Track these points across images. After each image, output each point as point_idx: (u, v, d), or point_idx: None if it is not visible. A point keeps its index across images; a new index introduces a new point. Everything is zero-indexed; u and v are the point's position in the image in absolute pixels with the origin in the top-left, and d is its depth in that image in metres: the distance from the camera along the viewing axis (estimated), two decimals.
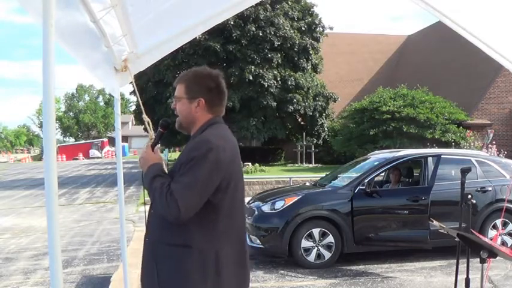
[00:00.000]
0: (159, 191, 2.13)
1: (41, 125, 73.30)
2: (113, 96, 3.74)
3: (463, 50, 20.37)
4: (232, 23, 22.24)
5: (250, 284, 2.46)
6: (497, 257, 3.12)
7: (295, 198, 7.24)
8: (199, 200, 2.12)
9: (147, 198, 2.35)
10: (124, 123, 57.40)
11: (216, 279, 2.18)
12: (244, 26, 23.16)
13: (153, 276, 2.21)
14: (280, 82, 23.61)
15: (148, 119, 3.06)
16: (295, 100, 23.87)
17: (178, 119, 2.38)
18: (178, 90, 2.37)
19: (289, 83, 23.77)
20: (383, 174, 8.34)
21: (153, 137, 2.56)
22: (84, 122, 75.86)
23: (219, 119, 2.39)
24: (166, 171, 2.32)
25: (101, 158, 49.59)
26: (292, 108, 24.05)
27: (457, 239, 3.35)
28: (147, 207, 2.36)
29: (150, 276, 2.23)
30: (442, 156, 7.63)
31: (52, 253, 1.78)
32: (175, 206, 2.06)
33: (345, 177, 7.95)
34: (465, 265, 3.78)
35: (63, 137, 77.78)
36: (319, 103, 25.25)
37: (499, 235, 7.27)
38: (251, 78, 22.56)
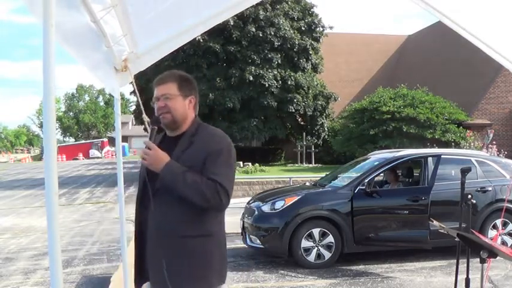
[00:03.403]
0: (203, 183, 2.24)
1: (41, 125, 73.26)
2: (113, 96, 3.74)
3: (463, 50, 20.34)
4: (232, 23, 22.22)
5: (251, 284, 2.54)
6: (497, 257, 3.11)
7: (295, 198, 7.24)
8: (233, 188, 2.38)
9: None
10: (124, 123, 57.32)
11: (224, 263, 2.44)
12: (244, 27, 23.14)
13: (186, 269, 2.27)
14: (280, 82, 23.59)
15: (149, 119, 3.06)
16: (295, 100, 23.86)
17: (170, 116, 2.43)
18: (170, 89, 2.44)
19: (289, 83, 23.76)
20: (383, 174, 8.34)
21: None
22: (84, 122, 75.81)
23: None
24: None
25: (101, 158, 49.55)
26: (293, 108, 24.04)
27: (457, 239, 3.35)
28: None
29: (181, 270, 2.27)
30: (442, 156, 7.63)
31: (52, 253, 1.77)
32: (226, 195, 2.26)
33: (345, 177, 7.95)
34: (465, 265, 3.78)
35: (63, 137, 77.75)
36: (319, 103, 25.25)
37: (499, 235, 7.28)
38: (251, 78, 22.54)
